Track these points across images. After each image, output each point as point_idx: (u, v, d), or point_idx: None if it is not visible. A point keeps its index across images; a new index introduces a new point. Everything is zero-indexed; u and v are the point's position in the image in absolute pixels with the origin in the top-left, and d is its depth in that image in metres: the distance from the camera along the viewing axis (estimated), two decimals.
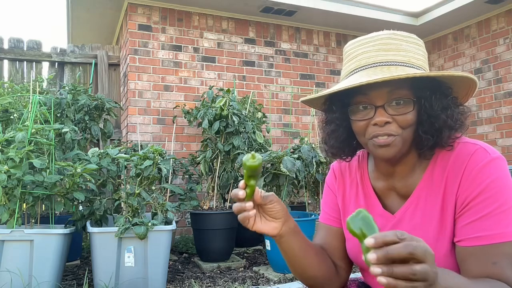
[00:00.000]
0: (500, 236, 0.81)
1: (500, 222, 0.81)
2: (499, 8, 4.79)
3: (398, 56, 0.89)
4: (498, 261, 0.80)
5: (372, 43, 0.91)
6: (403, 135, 0.88)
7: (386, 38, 0.91)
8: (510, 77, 4.75)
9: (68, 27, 5.34)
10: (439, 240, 0.89)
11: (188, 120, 4.10)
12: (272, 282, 2.91)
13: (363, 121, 0.91)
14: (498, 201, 0.82)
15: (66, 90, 3.47)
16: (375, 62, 0.89)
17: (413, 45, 0.91)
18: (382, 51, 0.89)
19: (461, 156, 0.89)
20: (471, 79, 0.89)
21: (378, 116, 0.87)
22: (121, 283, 2.55)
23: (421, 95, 0.88)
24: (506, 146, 4.76)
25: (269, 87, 4.93)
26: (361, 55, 0.92)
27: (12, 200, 2.50)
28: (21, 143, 2.53)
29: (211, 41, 4.70)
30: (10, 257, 2.43)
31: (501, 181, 0.84)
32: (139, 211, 2.73)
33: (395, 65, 0.88)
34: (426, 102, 0.88)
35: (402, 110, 0.87)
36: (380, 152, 0.89)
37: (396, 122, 0.88)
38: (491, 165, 0.85)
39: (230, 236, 3.48)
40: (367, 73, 0.88)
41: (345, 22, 5.11)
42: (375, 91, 0.88)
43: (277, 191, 3.37)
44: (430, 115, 0.88)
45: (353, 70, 0.92)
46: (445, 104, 0.89)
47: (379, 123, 0.87)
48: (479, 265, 0.81)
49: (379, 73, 0.86)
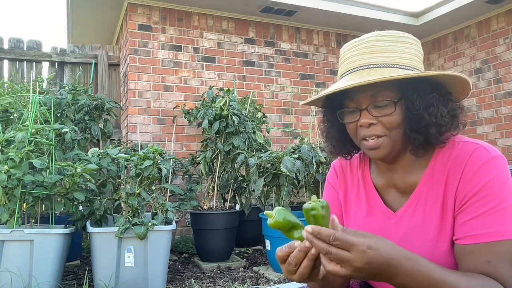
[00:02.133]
0: (497, 234, 0.81)
1: (497, 220, 0.82)
2: (499, 8, 4.79)
3: (381, 58, 0.90)
4: (492, 259, 0.80)
5: (359, 46, 0.93)
6: (391, 136, 0.90)
7: (371, 40, 0.92)
8: (510, 77, 4.75)
9: (68, 27, 5.34)
10: (439, 239, 0.89)
11: (188, 120, 4.10)
12: (272, 282, 2.91)
13: (352, 124, 0.95)
14: (497, 199, 0.83)
15: (66, 90, 3.47)
16: (358, 66, 0.92)
17: (400, 44, 0.92)
18: (366, 54, 0.91)
19: (461, 155, 0.89)
20: (461, 78, 0.89)
21: (362, 118, 0.91)
22: (121, 283, 2.55)
23: (403, 95, 0.90)
24: (506, 146, 4.76)
25: (269, 87, 4.93)
26: (348, 59, 0.95)
27: (12, 200, 2.50)
28: (21, 143, 2.53)
29: (211, 41, 4.70)
30: (10, 257, 2.43)
31: (500, 179, 0.84)
32: (139, 211, 2.73)
33: (375, 68, 0.89)
34: (408, 101, 0.89)
35: (385, 112, 0.90)
36: (371, 154, 0.94)
37: (381, 123, 0.90)
38: (490, 163, 0.85)
39: (230, 236, 3.48)
40: (350, 77, 0.91)
41: (345, 22, 5.11)
42: (359, 94, 0.91)
43: (277, 191, 3.37)
44: (414, 114, 0.89)
45: (342, 74, 0.96)
46: (427, 103, 0.89)
47: (363, 124, 0.91)
48: (475, 263, 0.82)
49: (360, 77, 0.88)
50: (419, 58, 0.94)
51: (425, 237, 0.91)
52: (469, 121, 5.19)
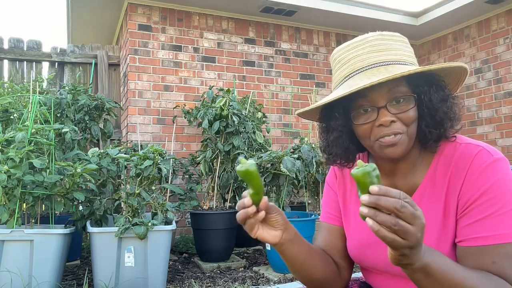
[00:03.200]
0: (501, 237, 0.81)
1: (502, 223, 0.82)
2: (499, 8, 4.79)
3: (390, 55, 0.90)
4: (498, 261, 0.80)
5: (362, 46, 0.92)
6: (408, 132, 0.89)
7: (374, 39, 0.91)
8: (510, 77, 4.75)
9: (68, 27, 5.34)
10: (441, 241, 0.89)
11: (188, 120, 4.10)
12: (272, 282, 2.91)
13: (366, 124, 0.90)
14: (501, 202, 0.82)
15: (66, 90, 3.47)
16: (370, 64, 0.89)
17: (400, 43, 0.93)
18: (373, 52, 0.90)
19: (464, 157, 0.89)
20: (463, 68, 0.91)
21: (382, 116, 0.87)
22: (121, 283, 2.55)
23: (419, 90, 0.90)
24: (506, 146, 4.76)
25: (269, 87, 4.93)
26: (353, 59, 0.92)
27: (12, 200, 2.50)
28: (21, 143, 2.53)
29: (211, 41, 4.70)
30: (10, 257, 2.43)
31: (504, 182, 0.84)
32: (139, 211, 2.73)
33: (391, 64, 0.88)
34: (425, 96, 0.89)
35: (404, 108, 0.88)
36: (388, 152, 0.89)
37: (400, 120, 0.88)
38: (493, 166, 0.85)
39: (230, 236, 3.48)
40: (365, 75, 0.88)
41: (345, 22, 5.11)
42: (374, 92, 0.88)
43: (277, 191, 3.37)
44: (430, 108, 0.89)
45: (348, 75, 0.92)
46: (443, 97, 0.90)
47: (385, 123, 0.87)
48: (479, 264, 0.81)
49: (377, 74, 0.86)
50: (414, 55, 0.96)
51: (426, 239, 0.90)
52: (469, 121, 5.19)
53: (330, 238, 1.10)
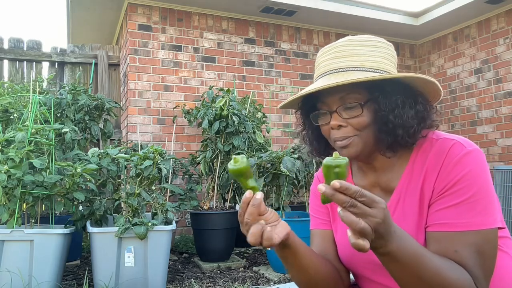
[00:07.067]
0: (466, 225, 0.84)
1: (467, 212, 0.84)
2: (499, 8, 4.79)
3: (350, 62, 0.93)
4: (460, 249, 0.83)
5: (331, 51, 0.97)
6: (362, 135, 0.93)
7: (341, 45, 0.96)
8: (510, 77, 4.75)
9: (68, 27, 5.34)
10: (419, 231, 0.91)
11: (188, 120, 4.10)
12: (272, 282, 2.91)
13: (325, 126, 0.98)
14: (470, 192, 0.85)
15: (66, 90, 3.47)
16: (328, 70, 0.95)
17: (368, 48, 0.94)
18: (337, 58, 0.95)
19: (439, 151, 0.91)
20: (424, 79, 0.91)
21: (333, 120, 0.94)
22: (121, 283, 2.55)
23: (371, 97, 0.92)
24: (506, 146, 4.76)
25: (269, 87, 4.93)
26: (322, 63, 0.98)
27: (12, 200, 2.50)
28: (21, 143, 2.53)
29: (211, 41, 4.70)
30: (10, 257, 2.43)
31: (476, 172, 0.86)
32: (139, 211, 2.73)
33: (343, 71, 0.92)
34: (375, 103, 0.92)
35: (353, 114, 0.92)
36: (343, 153, 0.94)
37: (351, 125, 0.93)
38: (467, 157, 0.87)
39: (230, 236, 3.48)
40: (322, 81, 0.94)
41: (345, 22, 5.11)
42: (330, 97, 0.94)
43: (277, 191, 3.37)
44: (381, 115, 0.92)
45: (316, 78, 1.00)
46: (393, 104, 0.91)
47: (333, 126, 0.94)
48: (442, 251, 0.84)
49: (328, 80, 0.91)
50: (389, 60, 0.96)
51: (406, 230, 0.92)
52: (469, 121, 5.20)
53: (325, 243, 1.10)
